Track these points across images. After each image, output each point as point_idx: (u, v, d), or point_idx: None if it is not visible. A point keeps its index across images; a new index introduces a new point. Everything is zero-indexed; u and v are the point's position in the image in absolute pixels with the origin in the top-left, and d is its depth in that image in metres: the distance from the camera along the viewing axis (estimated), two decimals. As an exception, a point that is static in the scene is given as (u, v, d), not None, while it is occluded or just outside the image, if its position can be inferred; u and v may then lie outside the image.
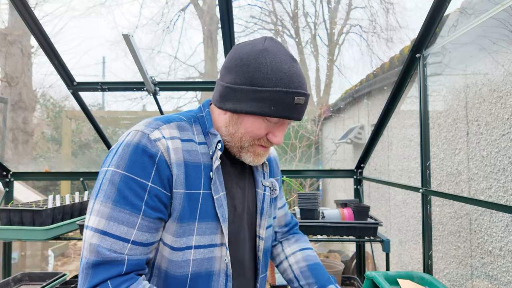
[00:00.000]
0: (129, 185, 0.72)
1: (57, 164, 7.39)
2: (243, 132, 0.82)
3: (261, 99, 0.76)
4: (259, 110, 0.77)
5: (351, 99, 4.91)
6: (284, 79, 0.76)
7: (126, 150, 0.74)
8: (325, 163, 6.36)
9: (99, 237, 0.69)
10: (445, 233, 2.27)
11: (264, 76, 0.76)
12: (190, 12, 7.92)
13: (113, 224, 0.70)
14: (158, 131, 0.77)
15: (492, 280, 1.77)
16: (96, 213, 0.71)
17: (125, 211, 0.71)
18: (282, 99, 0.76)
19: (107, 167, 0.74)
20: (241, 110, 0.79)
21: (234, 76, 0.79)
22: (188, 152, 0.80)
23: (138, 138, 0.74)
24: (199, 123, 0.88)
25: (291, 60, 0.80)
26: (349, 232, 1.87)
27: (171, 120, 0.83)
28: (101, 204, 0.71)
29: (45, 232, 1.85)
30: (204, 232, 0.79)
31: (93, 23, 9.28)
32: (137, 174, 0.72)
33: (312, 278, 1.01)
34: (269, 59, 0.77)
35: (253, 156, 0.86)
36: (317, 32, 7.23)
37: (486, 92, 1.87)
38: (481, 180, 1.89)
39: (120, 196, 0.71)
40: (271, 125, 0.82)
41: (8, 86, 6.56)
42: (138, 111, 6.87)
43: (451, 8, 1.99)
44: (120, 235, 0.70)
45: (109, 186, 0.72)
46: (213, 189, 0.81)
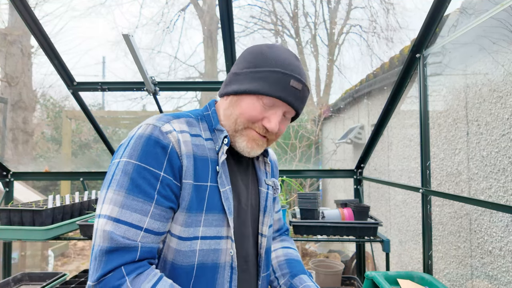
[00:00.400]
0: (142, 174, 0.74)
1: (57, 164, 7.39)
2: (238, 114, 0.85)
3: (258, 78, 0.82)
4: (255, 87, 0.81)
5: (351, 99, 4.91)
6: (283, 63, 0.82)
7: (139, 141, 0.76)
8: (325, 163, 6.36)
9: (113, 224, 0.70)
10: (445, 233, 2.27)
11: (264, 59, 0.83)
12: (190, 12, 7.92)
13: (127, 212, 0.72)
14: (169, 125, 0.80)
15: (492, 280, 1.77)
16: (109, 202, 0.72)
17: (138, 199, 0.73)
18: (278, 79, 0.81)
19: (119, 158, 0.76)
20: (240, 90, 0.83)
21: (239, 65, 0.86)
22: (196, 146, 0.83)
23: (150, 131, 0.77)
24: (206, 121, 0.91)
25: (294, 57, 0.86)
26: (349, 232, 1.87)
27: (180, 116, 0.87)
28: (114, 192, 0.73)
29: (45, 232, 1.85)
30: (210, 223, 0.81)
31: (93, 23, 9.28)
32: (150, 164, 0.75)
33: (287, 269, 1.04)
34: (273, 50, 0.84)
35: (246, 140, 0.87)
36: (317, 32, 7.23)
37: (486, 92, 1.86)
38: (481, 180, 1.89)
39: (133, 185, 0.73)
40: (267, 108, 0.84)
41: (8, 86, 6.56)
42: (138, 111, 6.86)
43: (451, 8, 1.99)
44: (133, 223, 0.72)
45: (122, 176, 0.74)
46: (219, 182, 0.83)
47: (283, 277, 1.03)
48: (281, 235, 1.21)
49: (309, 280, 1.00)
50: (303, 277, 1.00)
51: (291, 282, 1.00)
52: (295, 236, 1.91)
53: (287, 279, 1.01)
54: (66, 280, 2.18)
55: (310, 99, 7.23)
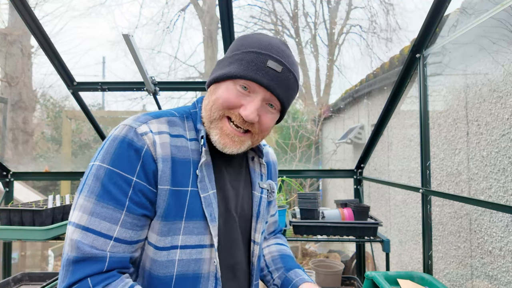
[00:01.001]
0: (114, 180, 0.70)
1: (57, 164, 7.39)
2: (213, 100, 0.79)
3: (234, 61, 0.77)
4: (229, 70, 0.76)
5: (351, 99, 4.91)
6: (260, 44, 0.76)
7: (112, 144, 0.72)
8: (325, 163, 6.36)
9: (81, 233, 0.67)
10: (445, 233, 2.27)
11: (243, 43, 0.79)
12: (190, 12, 7.92)
13: (96, 220, 0.68)
14: (146, 125, 0.75)
15: (492, 280, 1.77)
16: (79, 208, 0.69)
17: (108, 206, 0.69)
18: (253, 59, 0.75)
19: (93, 161, 0.72)
20: (218, 76, 0.78)
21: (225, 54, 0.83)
22: (176, 148, 0.77)
23: (124, 132, 0.73)
24: (192, 119, 0.85)
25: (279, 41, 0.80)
26: (349, 232, 1.87)
27: (161, 115, 0.81)
28: (84, 199, 0.69)
29: (45, 232, 1.85)
30: (191, 231, 0.76)
31: (93, 23, 9.28)
32: (122, 168, 0.70)
33: (281, 263, 1.01)
34: (256, 35, 0.80)
35: (219, 134, 0.79)
36: (317, 32, 7.23)
37: (486, 92, 1.86)
38: (481, 180, 1.89)
39: (104, 191, 0.69)
40: (243, 94, 0.76)
41: (8, 86, 6.56)
42: (138, 111, 6.86)
43: (451, 8, 1.99)
44: (102, 231, 0.68)
45: (93, 181, 0.70)
46: (200, 186, 0.78)
47: (277, 271, 0.99)
48: (275, 234, 1.18)
49: (303, 273, 0.96)
50: (298, 271, 0.97)
51: (286, 275, 0.96)
52: (295, 236, 1.91)
53: (281, 272, 0.98)
54: (66, 280, 2.18)
55: (310, 99, 7.24)
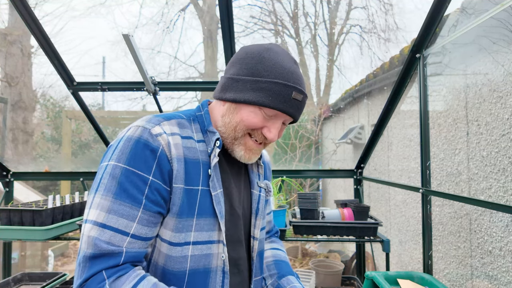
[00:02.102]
0: (130, 179, 0.72)
1: (57, 164, 7.39)
2: (238, 121, 0.83)
3: (260, 89, 0.79)
4: (257, 99, 0.79)
5: (351, 99, 4.91)
6: (284, 74, 0.80)
7: (127, 144, 0.74)
8: (325, 163, 6.36)
9: (98, 230, 0.69)
10: (445, 233, 2.27)
11: (265, 68, 0.80)
12: (190, 12, 7.92)
13: (113, 217, 0.70)
14: (159, 127, 0.78)
15: (492, 280, 1.77)
16: (96, 207, 0.71)
17: (125, 204, 0.71)
18: (280, 91, 0.79)
19: (108, 161, 0.74)
20: (240, 99, 0.81)
21: (237, 69, 0.83)
22: (187, 149, 0.81)
23: (139, 133, 0.75)
24: (198, 122, 0.89)
25: (293, 62, 0.84)
26: (349, 232, 1.87)
27: (171, 117, 0.84)
28: (101, 197, 0.71)
29: (45, 232, 1.85)
30: (202, 228, 0.79)
31: (93, 23, 9.28)
32: (138, 167, 0.73)
33: (275, 269, 1.03)
34: (272, 55, 0.81)
35: (244, 150, 0.86)
36: (317, 32, 7.23)
37: (486, 92, 1.86)
38: (481, 180, 1.89)
39: (121, 189, 0.71)
40: (267, 118, 0.83)
41: (8, 86, 6.56)
42: (138, 111, 6.86)
43: (451, 8, 1.99)
44: (119, 228, 0.70)
45: (109, 180, 0.72)
46: (211, 185, 0.82)
47: (271, 278, 1.02)
48: (270, 237, 1.20)
49: (296, 281, 1.00)
50: (290, 278, 1.00)
51: (279, 282, 0.99)
52: (295, 236, 1.91)
53: (274, 279, 1.01)
54: (66, 280, 2.18)
55: (310, 99, 7.24)
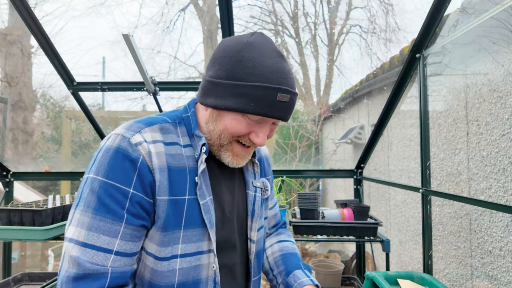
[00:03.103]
0: (109, 192, 0.68)
1: (57, 164, 7.39)
2: (221, 129, 0.77)
3: (240, 94, 0.71)
4: (238, 106, 0.72)
5: (351, 99, 4.91)
6: (266, 74, 0.71)
7: (106, 155, 0.70)
8: (325, 163, 6.36)
9: (80, 249, 0.66)
10: (445, 233, 2.27)
11: (244, 70, 0.71)
12: (190, 12, 7.93)
13: (94, 235, 0.66)
14: (140, 135, 0.73)
15: (492, 280, 1.77)
16: (76, 224, 0.67)
17: (106, 219, 0.67)
18: (263, 95, 0.71)
19: (88, 174, 0.70)
20: (221, 106, 0.74)
21: (216, 70, 0.75)
22: (172, 156, 0.76)
23: (118, 142, 0.71)
24: (184, 124, 0.83)
25: (277, 55, 0.75)
26: (349, 232, 1.87)
27: (153, 122, 0.78)
28: (81, 213, 0.68)
29: (45, 232, 1.85)
30: (190, 239, 0.75)
31: (93, 23, 9.29)
32: (117, 180, 0.69)
33: (283, 265, 1.00)
34: (252, 53, 0.72)
35: (231, 156, 0.81)
36: (317, 32, 7.23)
37: (486, 92, 1.86)
38: (481, 180, 1.89)
39: (100, 204, 0.67)
40: (253, 123, 0.76)
41: (8, 86, 6.56)
42: (138, 111, 6.87)
43: (451, 8, 1.99)
44: (101, 246, 0.67)
45: (89, 194, 0.68)
46: (199, 194, 0.77)
47: (280, 276, 0.98)
48: (277, 229, 1.15)
49: (303, 275, 0.95)
50: (297, 273, 0.96)
51: (286, 280, 0.96)
52: (295, 236, 1.91)
53: (283, 277, 0.97)
54: (66, 280, 2.18)
55: (310, 99, 7.24)
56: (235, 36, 0.79)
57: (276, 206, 1.14)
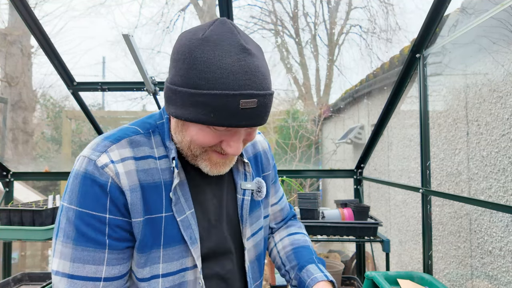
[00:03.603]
0: (86, 221, 0.65)
1: (57, 164, 7.39)
2: (189, 140, 0.69)
3: (197, 104, 0.61)
4: (198, 117, 0.62)
5: (351, 99, 4.91)
6: (224, 78, 0.59)
7: (75, 182, 0.67)
8: (325, 163, 6.37)
9: (67, 281, 0.64)
10: (445, 233, 2.27)
11: (199, 74, 0.60)
12: (190, 12, 7.93)
13: (79, 265, 0.65)
14: (105, 155, 0.68)
15: (492, 280, 1.77)
16: (59, 256, 0.66)
17: (88, 249, 0.65)
18: (223, 104, 0.59)
19: (63, 201, 0.68)
20: (182, 116, 0.64)
21: (172, 74, 0.65)
22: (144, 172, 0.70)
23: (84, 167, 0.67)
24: (159, 133, 0.75)
25: (239, 51, 0.61)
26: (349, 232, 1.87)
27: (121, 136, 0.71)
28: (62, 244, 0.66)
29: (45, 232, 1.85)
30: (171, 258, 0.71)
31: (93, 23, 9.29)
32: (91, 208, 0.65)
33: (295, 260, 0.93)
34: (206, 52, 0.60)
35: (209, 165, 0.72)
36: (317, 32, 7.23)
37: (486, 92, 1.87)
38: (481, 180, 1.89)
39: (79, 234, 0.65)
40: (222, 132, 0.67)
41: (8, 86, 6.56)
42: (138, 111, 6.87)
43: (451, 8, 1.99)
44: (88, 275, 0.65)
45: (66, 224, 0.66)
46: (175, 210, 0.71)
47: (292, 270, 0.93)
48: (286, 222, 1.09)
49: (317, 270, 0.88)
50: (310, 268, 0.89)
51: (300, 275, 0.90)
52: (295, 236, 1.91)
53: (295, 273, 0.92)
54: (66, 280, 2.18)
55: (310, 99, 7.24)
56: (191, 29, 0.67)
57: (282, 200, 1.07)
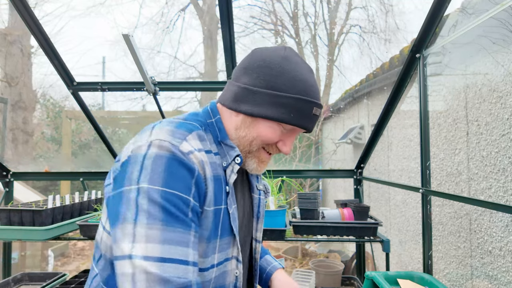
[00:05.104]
0: (173, 201, 0.64)
1: (57, 164, 7.39)
2: (254, 136, 0.78)
3: (281, 104, 0.75)
4: (278, 115, 0.75)
5: (351, 99, 4.91)
6: (306, 88, 0.76)
7: (159, 162, 0.65)
8: (325, 163, 6.36)
9: (158, 265, 0.59)
10: (445, 233, 2.27)
11: (286, 82, 0.75)
12: (190, 12, 7.93)
13: (170, 247, 0.62)
14: (187, 143, 0.70)
15: (492, 280, 1.77)
16: (143, 239, 0.61)
17: (177, 229, 0.63)
18: (302, 107, 0.75)
19: (136, 185, 0.64)
20: (259, 113, 0.76)
21: (253, 78, 0.76)
22: (212, 165, 0.74)
23: (168, 149, 0.66)
24: (210, 131, 0.81)
25: (310, 71, 0.80)
26: (349, 232, 1.87)
27: (192, 129, 0.75)
28: (147, 227, 0.61)
29: (45, 232, 1.85)
30: (223, 248, 0.77)
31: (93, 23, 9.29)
32: (178, 188, 0.65)
33: None
34: (292, 66, 0.76)
35: (257, 163, 0.83)
36: (317, 32, 7.23)
37: (486, 92, 1.86)
38: (481, 180, 1.89)
39: (167, 214, 0.63)
40: (284, 132, 0.80)
41: (8, 86, 6.56)
42: (138, 111, 6.87)
43: (451, 8, 1.99)
44: (180, 258, 0.62)
45: (150, 206, 0.62)
46: (229, 203, 0.78)
47: None
48: None
49: (272, 259, 1.08)
50: (267, 258, 1.08)
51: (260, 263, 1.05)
52: (295, 236, 1.91)
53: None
54: (66, 280, 2.18)
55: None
56: (269, 48, 0.81)
57: None
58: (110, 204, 0.68)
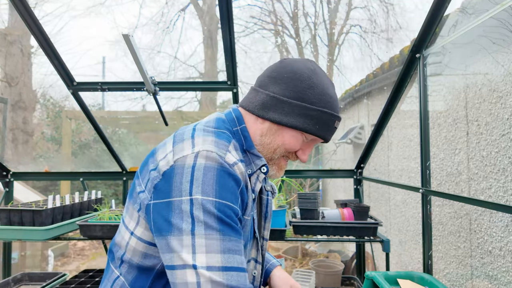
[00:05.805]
0: (226, 212, 0.68)
1: (57, 164, 7.39)
2: (279, 144, 0.84)
3: (308, 116, 0.80)
4: (305, 126, 0.81)
5: (351, 99, 4.91)
6: (331, 103, 0.83)
7: (209, 174, 0.67)
8: (325, 163, 6.36)
9: (221, 274, 0.63)
10: (445, 233, 2.27)
11: (315, 95, 0.81)
12: (190, 12, 7.92)
13: (229, 256, 0.65)
14: (230, 154, 0.73)
15: (492, 280, 1.77)
16: (204, 250, 0.64)
17: (232, 239, 0.67)
18: (327, 120, 0.82)
19: (188, 196, 0.66)
20: (286, 122, 0.81)
21: (283, 89, 0.81)
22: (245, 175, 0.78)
23: (217, 161, 0.69)
24: (235, 139, 0.84)
25: (333, 86, 0.88)
26: (349, 232, 1.87)
27: (229, 139, 0.79)
28: (205, 237, 0.64)
29: (45, 232, 1.85)
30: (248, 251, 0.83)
31: (93, 23, 9.28)
32: (229, 199, 0.69)
33: None
34: (319, 80, 0.83)
35: (276, 169, 0.89)
36: (317, 32, 7.23)
37: (486, 92, 1.86)
38: (481, 180, 1.89)
39: (222, 224, 0.66)
40: (305, 142, 0.86)
41: (8, 86, 6.56)
42: (138, 111, 6.86)
43: (451, 8, 1.99)
44: (239, 266, 0.66)
45: (206, 216, 0.65)
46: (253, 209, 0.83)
47: None
48: None
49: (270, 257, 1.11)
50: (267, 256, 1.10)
51: None
52: (295, 236, 1.91)
53: None
54: (66, 280, 2.18)
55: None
56: (297, 60, 0.86)
57: None
58: (154, 212, 0.69)
